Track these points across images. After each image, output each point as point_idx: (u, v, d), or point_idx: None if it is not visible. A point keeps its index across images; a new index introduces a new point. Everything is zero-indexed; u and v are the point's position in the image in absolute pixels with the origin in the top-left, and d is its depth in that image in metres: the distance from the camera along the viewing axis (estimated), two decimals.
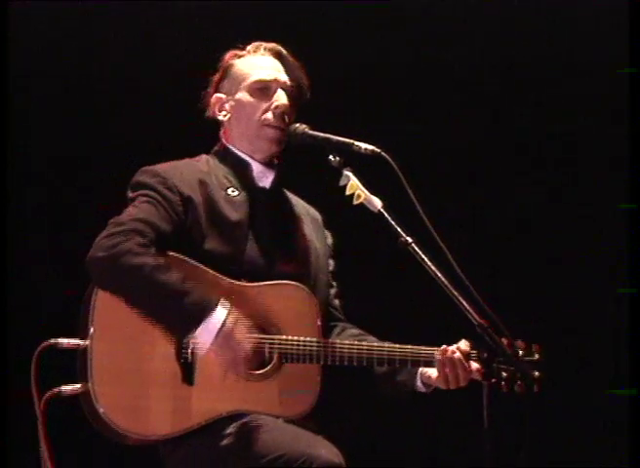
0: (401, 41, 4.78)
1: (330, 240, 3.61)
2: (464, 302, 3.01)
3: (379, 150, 3.17)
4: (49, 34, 4.64)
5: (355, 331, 3.50)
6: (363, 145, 3.21)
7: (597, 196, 4.82)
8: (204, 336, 3.12)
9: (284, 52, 3.47)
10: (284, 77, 3.43)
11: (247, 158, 3.43)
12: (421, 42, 4.78)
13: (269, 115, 3.39)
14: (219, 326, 3.11)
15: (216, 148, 3.50)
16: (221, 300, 3.14)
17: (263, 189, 3.43)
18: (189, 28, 4.68)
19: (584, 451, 4.71)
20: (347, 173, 3.22)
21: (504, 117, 4.83)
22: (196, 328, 3.11)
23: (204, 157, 3.49)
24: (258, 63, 3.44)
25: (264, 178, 3.44)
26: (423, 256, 3.07)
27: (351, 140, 3.23)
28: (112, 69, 4.70)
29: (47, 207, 4.65)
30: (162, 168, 3.35)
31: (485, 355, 3.16)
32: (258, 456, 3.09)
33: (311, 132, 3.33)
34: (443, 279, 3.04)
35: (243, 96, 3.42)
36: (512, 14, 4.75)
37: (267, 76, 3.41)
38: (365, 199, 3.18)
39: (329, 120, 3.32)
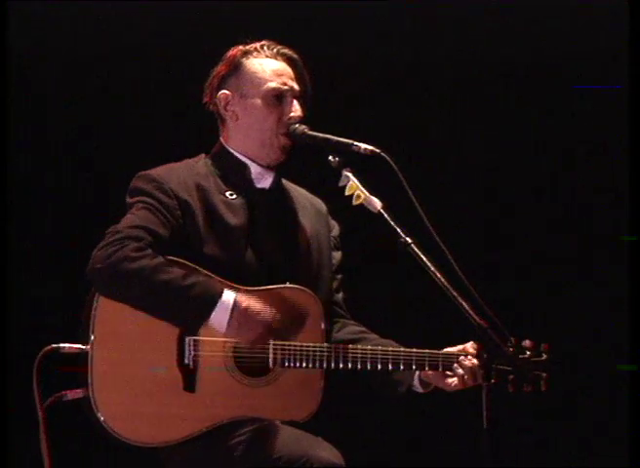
0: (402, 40, 4.78)
1: (336, 231, 3.57)
2: (464, 303, 2.98)
3: (378, 150, 3.16)
4: (47, 33, 4.63)
5: (356, 328, 3.49)
6: (362, 146, 3.19)
7: (597, 197, 4.81)
8: (219, 319, 3.12)
9: (298, 59, 3.43)
10: (297, 86, 3.40)
11: (245, 160, 3.41)
12: (422, 41, 4.77)
13: (283, 124, 3.36)
14: (231, 305, 3.12)
15: (214, 150, 3.47)
16: (225, 287, 3.15)
17: (263, 190, 3.42)
18: (190, 25, 4.67)
19: (584, 451, 4.71)
20: (347, 173, 3.20)
21: (505, 117, 4.82)
22: (209, 315, 3.12)
23: (202, 158, 3.46)
24: (273, 69, 3.39)
25: (263, 180, 3.42)
26: (423, 257, 3.04)
27: (350, 141, 3.22)
28: (112, 67, 4.69)
29: (49, 209, 4.64)
30: (158, 172, 3.34)
31: (485, 356, 3.13)
32: (258, 458, 3.09)
33: (311, 132, 3.32)
34: (443, 280, 3.01)
35: (257, 101, 3.37)
36: (511, 13, 4.74)
37: (284, 85, 3.37)
38: (365, 199, 3.16)
39: (328, 120, 3.32)
